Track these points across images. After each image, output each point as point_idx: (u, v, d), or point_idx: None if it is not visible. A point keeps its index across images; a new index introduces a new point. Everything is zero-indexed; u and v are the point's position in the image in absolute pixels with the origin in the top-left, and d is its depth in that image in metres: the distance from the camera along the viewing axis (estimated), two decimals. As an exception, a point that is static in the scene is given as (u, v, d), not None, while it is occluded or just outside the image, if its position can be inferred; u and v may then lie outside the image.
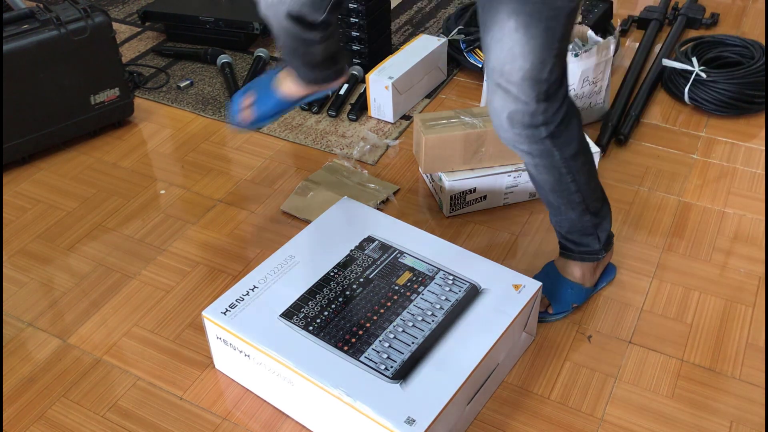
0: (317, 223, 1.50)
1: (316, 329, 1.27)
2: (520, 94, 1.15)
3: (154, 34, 2.58)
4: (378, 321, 1.28)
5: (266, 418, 1.31)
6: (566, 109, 1.21)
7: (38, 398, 1.36)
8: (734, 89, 1.98)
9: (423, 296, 1.33)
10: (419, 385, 1.18)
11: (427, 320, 1.28)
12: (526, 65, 1.12)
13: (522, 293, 1.32)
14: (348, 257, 1.41)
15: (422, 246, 1.43)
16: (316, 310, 1.30)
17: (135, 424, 1.31)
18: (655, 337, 1.42)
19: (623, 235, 1.66)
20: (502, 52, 1.13)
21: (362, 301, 1.32)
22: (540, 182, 1.31)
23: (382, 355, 1.22)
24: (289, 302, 1.32)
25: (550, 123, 1.19)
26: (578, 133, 1.25)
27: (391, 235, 1.45)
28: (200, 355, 1.43)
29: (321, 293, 1.33)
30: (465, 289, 1.34)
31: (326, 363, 1.21)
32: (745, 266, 1.57)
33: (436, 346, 1.24)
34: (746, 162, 1.87)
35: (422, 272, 1.37)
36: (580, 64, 1.84)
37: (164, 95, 2.25)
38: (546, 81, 1.14)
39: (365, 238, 1.45)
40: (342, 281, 1.36)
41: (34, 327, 1.50)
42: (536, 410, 1.30)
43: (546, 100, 1.16)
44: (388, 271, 1.38)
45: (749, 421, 1.27)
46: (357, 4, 2.14)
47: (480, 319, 1.28)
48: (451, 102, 2.15)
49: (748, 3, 2.67)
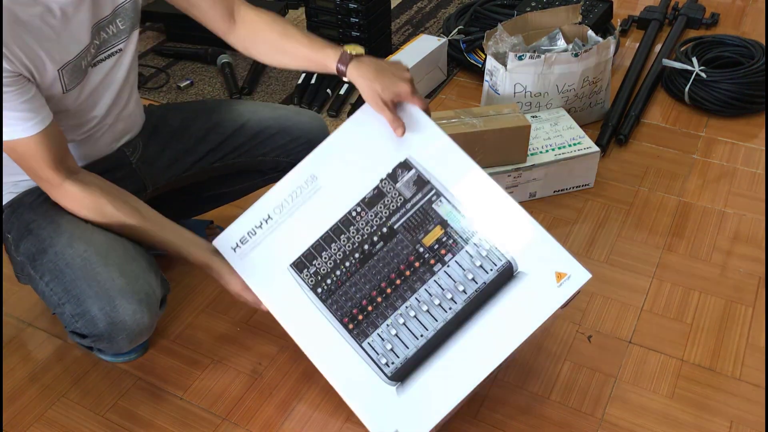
0: (349, 128, 1.22)
1: (325, 293, 1.17)
2: None
3: (154, 34, 2.58)
4: (392, 296, 1.15)
5: (266, 418, 1.31)
6: None
7: (38, 398, 1.36)
8: (734, 89, 1.98)
9: (448, 268, 1.14)
10: (416, 393, 1.11)
11: (445, 306, 1.13)
12: None
13: (563, 286, 1.11)
14: (376, 191, 1.18)
15: (465, 183, 1.16)
16: (329, 265, 1.17)
17: (135, 424, 1.31)
18: (655, 337, 1.42)
19: (623, 235, 1.66)
20: None
21: (380, 263, 1.16)
22: None
23: (386, 344, 1.14)
24: (303, 248, 1.18)
25: None
26: None
27: (432, 160, 1.17)
28: (200, 355, 1.43)
29: (338, 242, 1.18)
30: (498, 268, 1.12)
31: (327, 341, 1.15)
32: (745, 266, 1.57)
33: (445, 345, 1.12)
34: (746, 162, 1.87)
35: (455, 231, 1.15)
36: (580, 64, 1.84)
37: (164, 95, 2.25)
38: None
39: (401, 163, 1.18)
40: (363, 227, 1.17)
41: (34, 327, 1.50)
42: (536, 410, 1.30)
43: None
44: (418, 220, 1.16)
45: (749, 421, 1.27)
46: (357, 4, 2.14)
47: (504, 316, 1.11)
48: (451, 102, 2.15)
49: (748, 3, 2.67)
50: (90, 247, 1.18)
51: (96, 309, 1.14)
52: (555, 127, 1.81)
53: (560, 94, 1.89)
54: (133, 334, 1.18)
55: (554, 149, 1.74)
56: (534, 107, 1.90)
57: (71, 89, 1.15)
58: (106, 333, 1.16)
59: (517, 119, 1.67)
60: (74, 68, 1.14)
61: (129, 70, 1.28)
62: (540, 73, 1.84)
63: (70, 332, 1.21)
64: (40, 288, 1.20)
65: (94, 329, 1.16)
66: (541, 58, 1.81)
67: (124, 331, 1.16)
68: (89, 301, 1.15)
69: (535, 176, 1.73)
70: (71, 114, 1.20)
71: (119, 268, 1.17)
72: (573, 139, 1.77)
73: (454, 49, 2.27)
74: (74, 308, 1.16)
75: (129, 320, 1.16)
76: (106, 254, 1.18)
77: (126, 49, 1.24)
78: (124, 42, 1.23)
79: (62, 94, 1.14)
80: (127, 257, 1.21)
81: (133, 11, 1.23)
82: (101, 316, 1.14)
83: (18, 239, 1.23)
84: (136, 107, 1.37)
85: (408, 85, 1.17)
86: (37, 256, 1.19)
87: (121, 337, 1.17)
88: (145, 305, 1.17)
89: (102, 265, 1.17)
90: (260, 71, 2.32)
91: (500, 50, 1.89)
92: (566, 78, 1.86)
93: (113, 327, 1.15)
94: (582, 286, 1.11)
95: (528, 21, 1.98)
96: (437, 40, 2.17)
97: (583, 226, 1.69)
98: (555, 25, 1.97)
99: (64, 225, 1.20)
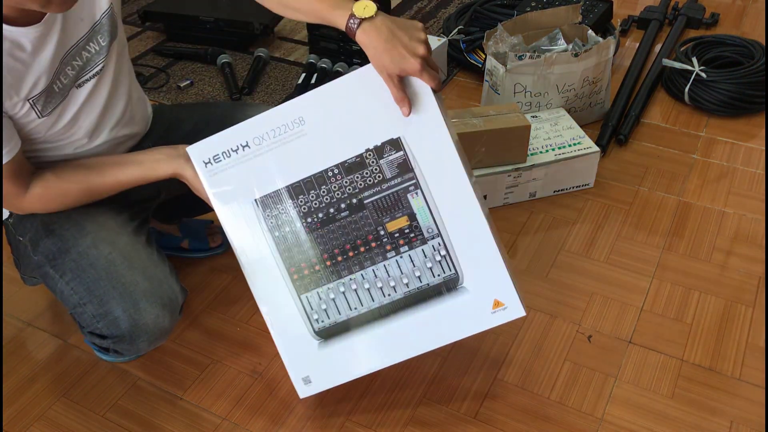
0: (353, 82, 1.12)
1: (281, 239, 1.17)
2: None
3: (154, 34, 2.58)
4: (342, 264, 1.17)
5: (266, 418, 1.31)
6: None
7: (38, 398, 1.36)
8: (734, 89, 1.98)
9: (400, 259, 1.16)
10: (333, 353, 1.20)
11: (385, 291, 1.17)
12: None
13: (496, 315, 1.16)
14: (358, 159, 1.14)
15: (446, 186, 1.13)
16: (290, 215, 1.16)
17: (135, 424, 1.31)
18: (655, 337, 1.42)
19: (623, 235, 1.66)
20: None
21: (339, 230, 1.16)
22: None
23: (321, 304, 1.19)
24: (271, 188, 1.16)
25: None
26: None
27: (423, 150, 1.12)
28: (200, 355, 1.43)
29: (306, 195, 1.15)
30: (444, 276, 1.16)
31: (271, 280, 1.19)
32: (745, 266, 1.57)
33: (372, 324, 1.18)
34: (746, 162, 1.87)
35: (420, 228, 1.15)
36: (580, 64, 1.84)
37: (164, 95, 2.25)
38: None
39: (392, 140, 1.12)
40: (334, 191, 1.15)
41: (34, 327, 1.50)
42: (536, 410, 1.30)
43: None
44: (389, 203, 1.15)
45: (749, 421, 1.27)
46: (357, 4, 2.14)
47: (433, 320, 1.17)
48: (451, 102, 2.15)
49: (748, 3, 2.67)
50: (115, 249, 1.18)
51: (120, 310, 1.15)
52: (555, 127, 1.81)
53: (560, 94, 1.89)
54: (153, 337, 1.18)
55: (554, 149, 1.74)
56: (534, 107, 1.90)
57: (49, 113, 1.13)
58: (127, 334, 1.16)
59: (517, 119, 1.67)
60: (48, 94, 1.11)
61: (113, 84, 1.23)
62: (540, 73, 1.84)
63: (88, 332, 1.21)
64: (59, 287, 1.20)
65: (116, 330, 1.16)
66: (541, 58, 1.81)
67: (145, 334, 1.17)
68: (113, 302, 1.15)
69: (535, 176, 1.73)
70: (55, 134, 1.18)
71: (143, 272, 1.18)
72: (573, 139, 1.77)
73: (454, 49, 2.27)
74: (96, 308, 1.16)
75: (151, 323, 1.16)
76: (131, 257, 1.19)
77: (107, 64, 1.20)
78: (104, 60, 1.18)
79: (39, 118, 1.12)
80: (150, 261, 1.21)
81: (110, 24, 1.19)
82: (125, 318, 1.15)
83: (36, 239, 1.22)
84: (137, 109, 1.33)
85: (417, 62, 1.04)
86: (59, 255, 1.19)
87: (142, 340, 1.18)
88: (167, 309, 1.18)
89: (127, 268, 1.17)
90: (260, 71, 2.33)
91: (500, 50, 1.89)
92: (566, 78, 1.86)
93: (135, 329, 1.16)
94: (514, 319, 1.16)
95: (528, 21, 1.97)
96: (437, 40, 2.16)
97: (583, 226, 1.69)
98: (555, 25, 1.97)
99: (88, 227, 1.20)
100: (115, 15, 1.21)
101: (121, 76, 1.26)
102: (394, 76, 1.06)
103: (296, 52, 2.47)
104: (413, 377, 1.36)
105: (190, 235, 1.65)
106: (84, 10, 1.13)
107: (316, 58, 2.29)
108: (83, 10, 1.13)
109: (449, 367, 1.38)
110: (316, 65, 2.28)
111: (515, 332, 1.44)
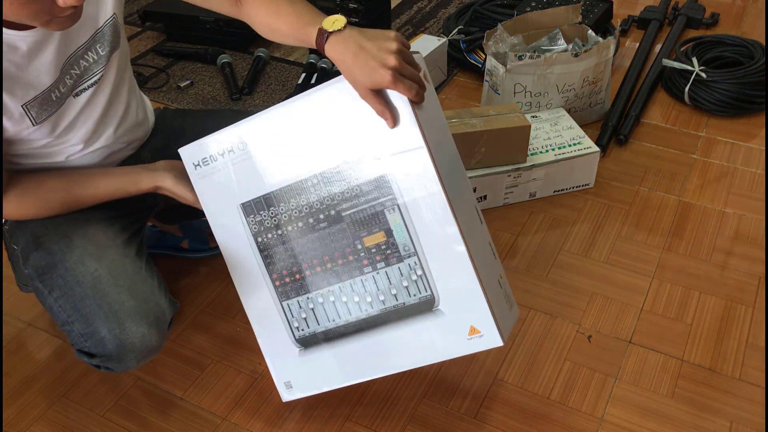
0: (332, 94, 1.08)
1: (263, 245, 1.18)
2: None
3: (154, 34, 2.58)
4: (320, 274, 1.16)
5: (266, 418, 1.31)
6: None
7: (38, 398, 1.36)
8: (734, 89, 1.98)
9: (377, 275, 1.14)
10: (313, 362, 1.22)
11: (362, 306, 1.16)
12: None
13: (472, 341, 1.11)
14: (337, 171, 1.11)
15: (425, 206, 1.08)
16: (273, 221, 1.16)
17: (135, 424, 1.31)
18: (655, 337, 1.42)
19: (623, 235, 1.66)
20: None
21: (318, 241, 1.15)
22: None
23: (302, 313, 1.20)
24: (255, 194, 1.16)
25: None
26: None
27: (401, 167, 1.08)
28: (200, 355, 1.43)
29: (287, 203, 1.15)
30: (421, 297, 1.12)
31: (255, 283, 1.21)
32: (745, 266, 1.57)
33: (349, 338, 1.18)
34: (746, 162, 1.87)
35: (396, 245, 1.11)
36: (580, 64, 1.84)
37: (164, 95, 2.25)
38: None
39: (370, 155, 1.10)
40: (313, 201, 1.13)
41: (34, 327, 1.50)
42: (536, 410, 1.30)
43: None
44: (366, 218, 1.12)
45: (749, 421, 1.27)
46: (357, 4, 2.14)
47: (409, 340, 1.15)
48: (451, 102, 2.15)
49: (748, 3, 2.67)
50: (101, 265, 1.17)
51: (105, 330, 1.13)
52: (555, 127, 1.81)
53: (560, 94, 1.89)
54: (141, 356, 1.17)
55: (554, 149, 1.74)
56: (534, 107, 1.90)
57: (43, 121, 1.11)
58: (114, 354, 1.15)
59: (517, 119, 1.67)
60: (43, 101, 1.09)
61: (112, 94, 1.22)
62: (540, 73, 1.84)
63: (77, 350, 1.19)
64: (48, 303, 1.18)
65: (103, 350, 1.15)
66: (541, 58, 1.81)
67: (132, 353, 1.15)
68: (98, 322, 1.14)
69: (535, 176, 1.73)
70: (49, 142, 1.16)
71: (129, 289, 1.16)
72: (573, 139, 1.77)
73: (454, 49, 2.27)
74: (83, 327, 1.15)
75: (138, 342, 1.15)
76: (117, 274, 1.17)
77: (106, 74, 1.19)
78: (103, 69, 1.17)
79: (33, 126, 1.11)
80: (137, 277, 1.19)
81: (112, 34, 1.17)
82: (110, 338, 1.13)
83: (27, 252, 1.21)
84: (136, 118, 1.31)
85: (388, 74, 0.97)
86: (47, 270, 1.18)
87: (130, 358, 1.16)
88: (154, 327, 1.16)
89: (112, 285, 1.15)
90: (260, 71, 2.33)
91: (500, 50, 1.89)
92: (566, 78, 1.86)
93: (122, 349, 1.14)
94: (491, 348, 1.11)
95: (528, 21, 1.98)
96: (437, 40, 2.17)
97: (583, 226, 1.69)
98: (555, 25, 1.97)
99: (76, 240, 1.18)
100: (119, 25, 1.19)
101: (121, 86, 1.25)
102: (368, 90, 1.01)
103: (296, 52, 2.47)
104: (413, 377, 1.36)
105: (190, 235, 1.65)
106: (86, 17, 1.11)
107: (316, 58, 2.29)
108: (85, 17, 1.11)
109: (449, 367, 1.38)
110: (316, 65, 2.28)
111: (515, 332, 1.44)
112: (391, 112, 1.03)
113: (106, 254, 1.19)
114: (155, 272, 1.25)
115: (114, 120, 1.24)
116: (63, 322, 1.17)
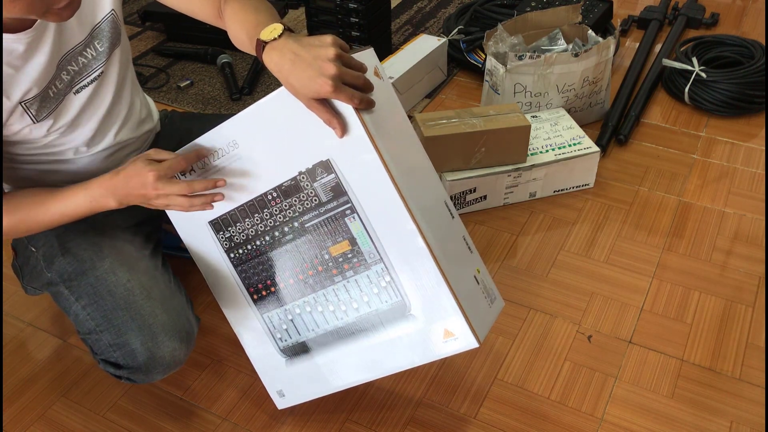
0: (281, 99, 1.07)
1: (237, 260, 1.19)
2: None
3: (154, 34, 2.58)
4: (294, 286, 1.17)
5: (266, 418, 1.31)
6: None
7: (38, 398, 1.36)
8: (734, 89, 1.98)
9: (347, 283, 1.13)
10: (300, 371, 1.23)
11: (338, 315, 1.16)
12: None
13: (447, 344, 1.10)
14: (293, 182, 1.09)
15: (383, 209, 1.05)
16: (242, 237, 1.17)
17: (135, 424, 1.31)
18: (655, 337, 1.42)
19: (623, 235, 1.66)
20: None
21: (287, 254, 1.15)
22: None
23: (282, 324, 1.21)
24: (221, 211, 1.15)
25: None
26: None
27: (354, 172, 1.05)
28: (200, 355, 1.43)
29: (251, 218, 1.14)
30: (392, 303, 1.11)
31: (236, 300, 1.22)
32: (745, 266, 1.57)
33: (331, 346, 1.19)
34: (746, 162, 1.87)
35: (362, 252, 1.10)
36: (580, 64, 1.84)
37: (164, 95, 2.25)
38: None
39: (322, 162, 1.06)
40: (276, 214, 1.13)
41: (34, 327, 1.50)
42: (536, 410, 1.30)
43: None
44: (329, 228, 1.10)
45: (749, 421, 1.27)
46: (357, 4, 2.14)
47: (388, 346, 1.15)
48: (451, 102, 2.15)
49: (748, 3, 2.67)
50: (133, 277, 1.17)
51: (138, 343, 1.13)
52: (555, 127, 1.81)
53: (560, 94, 1.89)
54: (168, 369, 1.18)
55: (554, 149, 1.74)
56: (534, 107, 1.90)
57: (44, 117, 1.10)
58: (143, 367, 1.15)
59: (517, 119, 1.67)
60: (42, 98, 1.09)
61: (116, 91, 1.21)
62: (540, 73, 1.84)
63: (102, 360, 1.19)
64: (74, 309, 1.18)
65: (132, 362, 1.15)
66: (541, 58, 1.81)
67: (161, 366, 1.16)
68: (131, 334, 1.13)
69: (535, 176, 1.73)
70: (54, 140, 1.15)
71: (162, 303, 1.17)
72: (573, 139, 1.77)
73: (454, 49, 2.27)
74: (114, 338, 1.14)
75: (168, 356, 1.15)
76: (150, 287, 1.17)
77: (108, 71, 1.18)
78: (104, 65, 1.16)
79: (34, 123, 1.10)
80: (169, 291, 1.20)
81: (110, 31, 1.16)
82: (142, 351, 1.13)
83: (50, 255, 1.20)
84: (140, 115, 1.31)
85: (326, 83, 0.93)
86: (75, 276, 1.17)
87: (158, 371, 1.17)
88: (184, 342, 1.17)
89: (146, 298, 1.15)
90: (260, 71, 2.33)
91: (500, 50, 1.89)
92: (566, 78, 1.86)
93: (152, 362, 1.14)
94: (466, 350, 1.10)
95: (528, 21, 1.98)
96: (437, 40, 2.17)
97: (583, 226, 1.69)
98: (555, 25, 1.97)
99: (106, 249, 1.18)
100: (118, 21, 1.18)
101: (125, 83, 1.24)
102: (311, 100, 0.98)
103: (296, 52, 2.46)
104: (413, 377, 1.36)
105: None
106: (83, 14, 1.11)
107: (316, 58, 2.29)
108: (82, 14, 1.11)
109: (449, 367, 1.38)
110: (316, 65, 2.27)
111: (515, 332, 1.44)
112: (339, 120, 0.99)
113: (138, 265, 1.19)
114: (181, 286, 1.26)
115: (119, 118, 1.24)
116: (89, 330, 1.16)
